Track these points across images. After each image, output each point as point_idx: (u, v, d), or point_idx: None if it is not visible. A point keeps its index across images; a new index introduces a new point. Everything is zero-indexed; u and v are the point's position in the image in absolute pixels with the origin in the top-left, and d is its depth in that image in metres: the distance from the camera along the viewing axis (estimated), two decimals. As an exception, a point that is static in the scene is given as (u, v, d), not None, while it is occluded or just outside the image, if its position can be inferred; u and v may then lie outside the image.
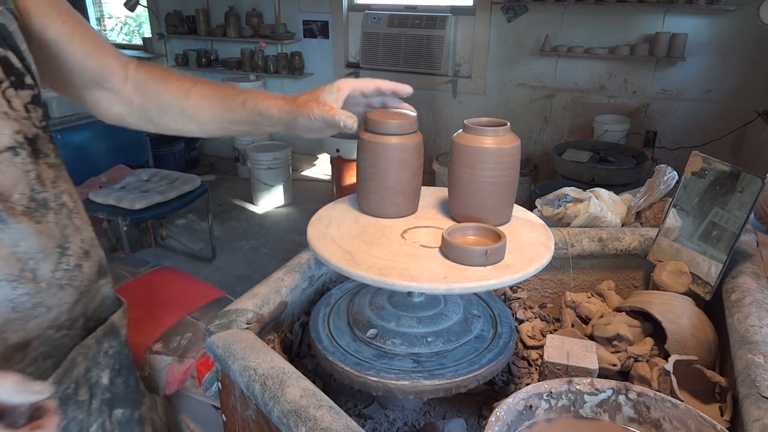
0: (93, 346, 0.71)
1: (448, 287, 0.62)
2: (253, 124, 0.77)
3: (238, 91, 0.78)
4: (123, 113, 0.79)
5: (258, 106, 0.75)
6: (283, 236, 3.72)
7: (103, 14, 6.22)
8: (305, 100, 0.73)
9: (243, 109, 0.76)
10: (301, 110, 0.72)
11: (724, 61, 3.25)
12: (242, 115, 0.77)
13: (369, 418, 0.77)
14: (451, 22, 3.82)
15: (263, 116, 0.75)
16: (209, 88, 0.78)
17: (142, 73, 0.78)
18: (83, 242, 0.68)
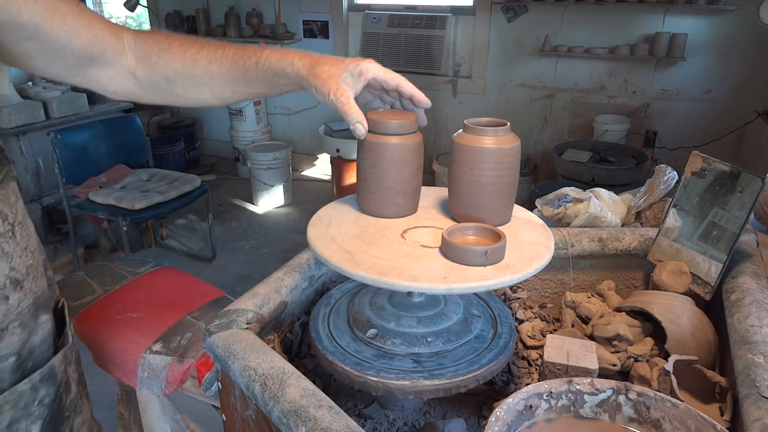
0: (26, 393, 0.61)
1: (448, 287, 0.62)
2: (269, 85, 0.74)
3: (249, 51, 0.73)
4: (128, 87, 0.75)
5: (274, 67, 0.71)
6: (283, 236, 3.72)
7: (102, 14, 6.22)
8: (325, 73, 0.69)
9: (257, 70, 0.72)
10: (317, 83, 0.69)
11: (724, 61, 3.25)
12: (257, 77, 0.73)
13: (369, 418, 0.77)
14: (451, 22, 3.82)
15: (279, 76, 0.72)
16: (218, 51, 0.73)
17: (142, 43, 0.73)
18: (12, 270, 0.59)
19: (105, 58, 0.70)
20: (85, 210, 3.00)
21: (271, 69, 0.71)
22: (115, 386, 1.54)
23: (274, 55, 0.72)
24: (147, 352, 1.24)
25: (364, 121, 0.72)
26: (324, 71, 0.69)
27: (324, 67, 0.70)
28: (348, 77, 0.69)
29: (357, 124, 0.71)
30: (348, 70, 0.70)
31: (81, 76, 0.71)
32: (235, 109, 4.51)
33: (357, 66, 0.70)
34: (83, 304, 1.39)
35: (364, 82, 0.70)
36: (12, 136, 3.21)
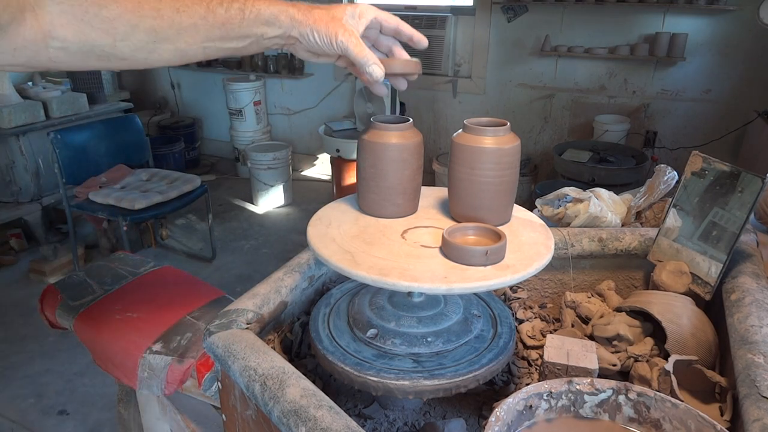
0: None
1: (448, 287, 0.62)
2: (251, 38, 0.63)
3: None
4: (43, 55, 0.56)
5: (264, 13, 0.61)
6: (283, 236, 3.72)
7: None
8: (324, 17, 0.62)
9: (242, 19, 0.61)
10: (319, 27, 0.62)
11: (724, 61, 3.25)
12: (240, 28, 0.61)
13: (369, 418, 0.77)
14: (451, 22, 3.82)
15: (269, 25, 0.62)
16: None
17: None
18: None
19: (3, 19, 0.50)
20: (85, 210, 3.00)
21: (260, 17, 0.61)
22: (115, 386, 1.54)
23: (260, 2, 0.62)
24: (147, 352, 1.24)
25: (378, 62, 0.65)
26: (324, 15, 0.63)
27: (321, 11, 0.63)
28: (349, 19, 0.64)
29: (373, 65, 0.64)
30: (347, 12, 0.64)
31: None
32: (235, 109, 4.51)
33: (354, 7, 0.65)
34: (83, 304, 1.39)
35: (365, 24, 0.65)
36: (12, 136, 3.21)
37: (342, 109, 4.48)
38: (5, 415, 2.24)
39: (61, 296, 1.42)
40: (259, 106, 4.58)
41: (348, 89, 4.38)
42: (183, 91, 5.21)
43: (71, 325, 1.38)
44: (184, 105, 5.27)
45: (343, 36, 0.62)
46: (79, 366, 2.50)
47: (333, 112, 4.50)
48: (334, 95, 4.50)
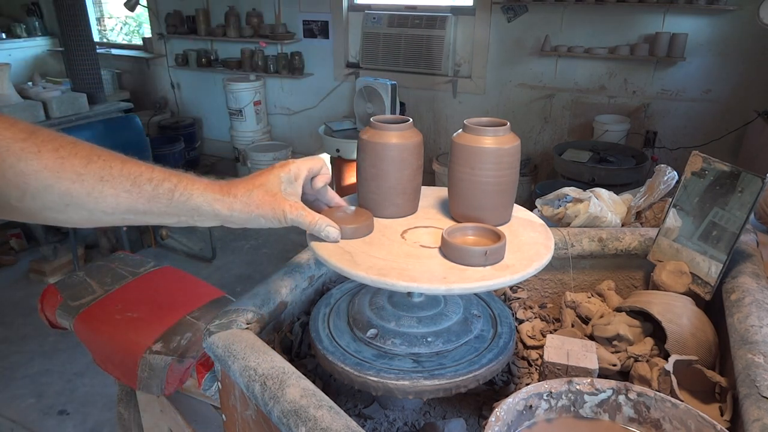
0: None
1: (447, 287, 0.62)
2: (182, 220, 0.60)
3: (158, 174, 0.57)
4: None
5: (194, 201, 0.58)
6: (283, 236, 3.72)
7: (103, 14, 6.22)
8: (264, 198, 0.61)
9: (170, 201, 0.57)
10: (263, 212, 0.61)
11: (724, 61, 3.25)
12: (169, 209, 0.58)
13: (369, 418, 0.77)
14: (451, 22, 3.82)
15: (200, 215, 0.60)
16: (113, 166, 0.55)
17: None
18: None
19: None
20: (85, 210, 2.99)
21: (189, 203, 0.58)
22: (115, 386, 1.54)
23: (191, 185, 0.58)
24: (147, 352, 1.24)
25: (331, 222, 0.67)
26: (262, 195, 0.61)
27: (259, 191, 0.61)
28: (287, 187, 0.63)
29: (328, 228, 0.66)
30: (282, 179, 0.63)
31: None
32: (236, 109, 4.51)
33: (287, 171, 0.64)
34: (83, 304, 1.39)
35: (301, 184, 0.66)
36: (12, 136, 3.20)
37: (342, 109, 4.48)
38: (5, 415, 2.24)
39: (61, 296, 1.42)
40: (259, 106, 4.58)
41: (348, 89, 4.38)
42: (183, 91, 5.21)
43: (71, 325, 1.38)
44: (184, 105, 5.27)
45: (291, 212, 0.62)
46: (79, 366, 2.50)
47: (333, 112, 4.50)
48: (334, 95, 4.50)
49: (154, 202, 0.57)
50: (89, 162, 0.54)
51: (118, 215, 0.57)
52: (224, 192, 0.60)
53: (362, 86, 3.57)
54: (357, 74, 4.23)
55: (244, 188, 0.61)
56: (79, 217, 0.56)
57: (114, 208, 0.56)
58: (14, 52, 5.27)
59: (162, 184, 0.57)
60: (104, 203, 0.55)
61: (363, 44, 4.16)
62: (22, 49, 5.39)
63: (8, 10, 5.64)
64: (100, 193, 0.54)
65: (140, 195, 0.56)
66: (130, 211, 0.57)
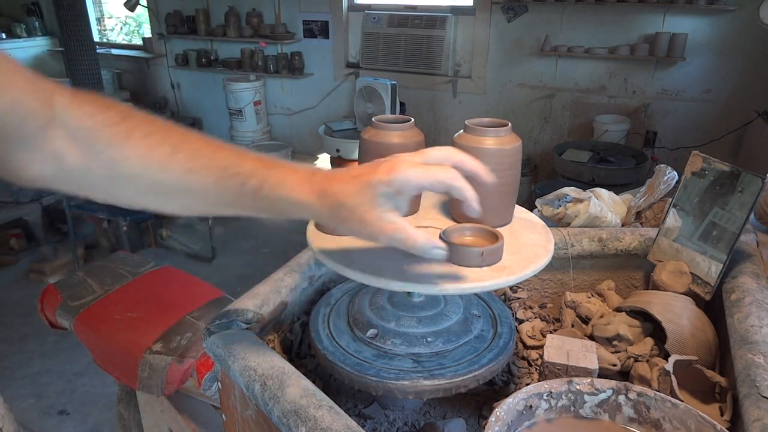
0: None
1: (442, 288, 0.62)
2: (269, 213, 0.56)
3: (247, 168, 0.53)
4: (48, 174, 0.52)
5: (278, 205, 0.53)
6: (283, 236, 3.72)
7: (103, 14, 6.22)
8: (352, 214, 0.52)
9: (254, 200, 0.53)
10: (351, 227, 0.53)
11: (724, 61, 3.25)
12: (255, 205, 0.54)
13: (369, 418, 0.77)
14: (451, 22, 3.82)
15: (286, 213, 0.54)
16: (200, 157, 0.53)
17: (83, 120, 0.50)
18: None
19: (21, 133, 0.48)
20: (85, 210, 3.00)
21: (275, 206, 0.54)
22: (115, 386, 1.54)
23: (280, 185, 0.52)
24: (147, 352, 1.24)
25: (438, 241, 0.56)
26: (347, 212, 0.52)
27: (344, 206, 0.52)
28: (385, 202, 0.52)
29: (434, 250, 0.55)
30: (381, 194, 0.51)
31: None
32: (235, 109, 4.51)
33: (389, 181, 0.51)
34: (83, 304, 1.39)
35: (407, 200, 0.54)
36: (12, 136, 3.20)
37: (342, 109, 4.48)
38: (5, 415, 2.24)
39: (61, 296, 1.42)
40: (259, 106, 4.58)
41: (348, 89, 4.38)
42: (183, 91, 5.21)
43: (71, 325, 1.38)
44: (184, 105, 5.27)
45: (385, 234, 0.52)
46: (79, 366, 2.50)
47: (333, 112, 4.50)
48: (334, 95, 4.51)
49: (239, 200, 0.54)
50: (176, 151, 0.52)
51: (205, 207, 0.57)
52: (314, 195, 0.53)
53: (362, 86, 3.57)
54: (357, 74, 4.23)
55: (332, 200, 0.52)
56: (171, 206, 0.56)
57: (202, 200, 0.55)
58: (14, 52, 5.27)
59: (248, 182, 0.52)
60: (191, 196, 0.54)
61: (363, 44, 4.16)
62: (23, 49, 5.39)
63: (8, 10, 5.64)
64: (187, 185, 0.53)
65: (226, 191, 0.53)
66: (217, 204, 0.56)
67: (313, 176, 0.53)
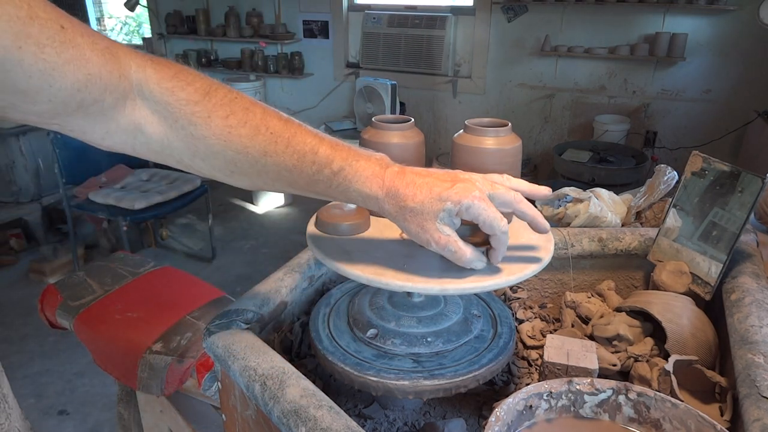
0: None
1: (442, 288, 0.62)
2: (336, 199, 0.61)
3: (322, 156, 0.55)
4: (129, 145, 0.54)
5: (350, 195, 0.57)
6: (283, 236, 3.72)
7: (103, 14, 6.22)
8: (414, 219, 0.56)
9: (328, 188, 0.57)
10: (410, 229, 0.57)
11: (724, 61, 3.25)
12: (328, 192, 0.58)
13: (369, 418, 0.77)
14: (451, 22, 3.82)
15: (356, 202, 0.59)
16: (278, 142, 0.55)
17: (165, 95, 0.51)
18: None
19: (100, 106, 0.48)
20: (85, 210, 3.00)
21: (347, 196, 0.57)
22: (115, 386, 1.54)
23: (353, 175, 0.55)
24: (147, 352, 1.24)
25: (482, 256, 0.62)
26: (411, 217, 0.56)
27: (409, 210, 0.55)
28: (446, 217, 0.56)
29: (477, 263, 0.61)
30: (445, 209, 0.55)
31: (60, 125, 0.49)
32: (235, 109, 4.51)
33: (456, 205, 0.55)
34: (83, 304, 1.39)
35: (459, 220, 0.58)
36: (12, 136, 3.21)
37: (342, 109, 4.48)
38: (5, 415, 2.24)
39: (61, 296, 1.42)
40: (259, 106, 4.58)
41: (348, 89, 4.38)
42: (183, 91, 5.21)
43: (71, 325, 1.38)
44: (184, 105, 5.26)
45: (439, 244, 0.56)
46: (79, 366, 2.50)
47: (333, 112, 4.50)
48: (334, 95, 4.51)
49: (312, 185, 0.57)
50: (256, 134, 0.54)
51: (279, 187, 0.59)
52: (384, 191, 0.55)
53: (362, 86, 3.57)
54: (357, 74, 4.23)
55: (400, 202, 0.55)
56: (243, 183, 0.59)
57: (275, 180, 0.57)
58: (14, 52, 5.26)
59: (323, 170, 0.55)
60: (266, 176, 0.57)
61: (363, 44, 4.16)
62: (22, 49, 5.38)
63: (8, 10, 5.64)
64: (263, 167, 0.55)
65: (300, 176, 0.56)
66: (291, 186, 0.58)
67: (386, 171, 0.56)
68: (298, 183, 0.58)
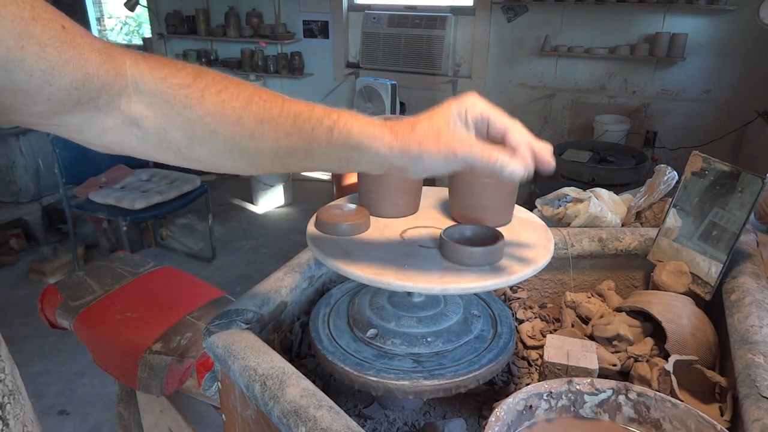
0: None
1: (443, 287, 0.62)
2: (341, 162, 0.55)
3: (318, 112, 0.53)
4: (127, 141, 0.54)
5: (355, 139, 0.52)
6: (283, 236, 3.72)
7: (103, 14, 6.22)
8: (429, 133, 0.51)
9: (329, 142, 0.53)
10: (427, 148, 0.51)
11: (724, 61, 3.25)
12: (327, 151, 0.54)
13: (369, 418, 0.77)
14: (451, 22, 3.82)
15: (362, 152, 0.53)
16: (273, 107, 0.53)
17: (157, 84, 0.52)
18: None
19: (97, 103, 0.49)
20: (85, 210, 3.00)
21: (349, 140, 0.52)
22: (115, 386, 1.54)
23: (351, 121, 0.52)
24: (147, 352, 1.24)
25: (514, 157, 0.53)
26: (428, 130, 0.51)
27: (424, 126, 0.52)
28: (458, 121, 0.53)
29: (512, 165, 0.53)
30: (453, 113, 0.53)
31: (58, 125, 0.50)
32: (235, 109, 4.51)
33: (460, 105, 0.53)
34: (83, 304, 1.39)
35: (471, 123, 0.54)
36: (12, 136, 3.21)
37: (342, 109, 4.47)
38: (5, 415, 2.24)
39: (61, 296, 1.42)
40: (259, 106, 4.58)
41: (348, 89, 4.38)
42: (183, 91, 5.21)
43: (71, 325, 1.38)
44: (184, 105, 5.26)
45: (462, 149, 0.51)
46: (79, 366, 2.50)
47: (333, 112, 4.50)
48: (334, 95, 4.51)
49: (314, 143, 0.53)
50: (249, 103, 0.53)
51: (279, 160, 0.56)
52: (385, 129, 0.52)
53: (362, 86, 3.57)
54: (357, 74, 4.23)
55: (408, 125, 0.52)
56: (244, 163, 0.57)
57: (275, 151, 0.55)
58: (14, 52, 5.26)
59: (322, 122, 0.52)
60: (265, 146, 0.54)
61: (363, 44, 4.16)
62: (22, 49, 5.38)
63: (8, 10, 5.64)
64: (261, 135, 0.54)
65: (300, 136, 0.53)
66: (291, 154, 0.55)
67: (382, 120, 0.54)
68: (296, 147, 0.54)
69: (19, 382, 0.54)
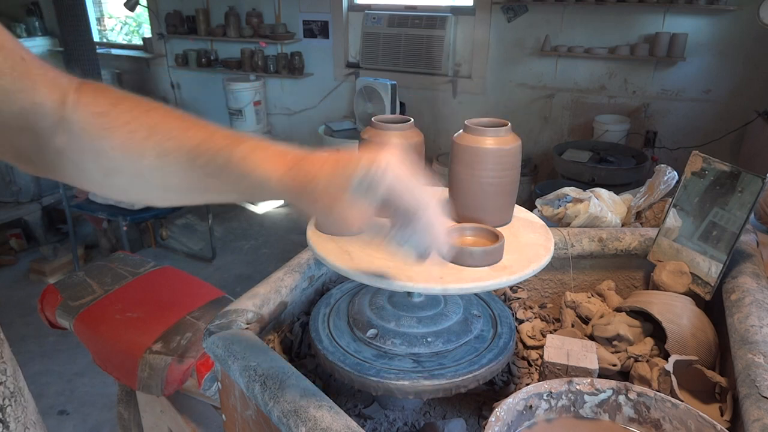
0: None
1: (443, 287, 0.62)
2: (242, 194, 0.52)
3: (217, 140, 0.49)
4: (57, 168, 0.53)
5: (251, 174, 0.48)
6: (283, 236, 3.72)
7: (103, 14, 6.22)
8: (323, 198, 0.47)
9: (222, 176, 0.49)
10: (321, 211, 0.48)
11: (724, 61, 3.25)
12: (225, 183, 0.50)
13: (369, 418, 0.77)
14: (451, 22, 3.82)
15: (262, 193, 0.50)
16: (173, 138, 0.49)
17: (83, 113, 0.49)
18: None
19: (35, 130, 0.49)
20: (85, 210, 3.00)
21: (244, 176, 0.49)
22: (115, 386, 1.54)
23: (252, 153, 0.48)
24: (147, 352, 1.24)
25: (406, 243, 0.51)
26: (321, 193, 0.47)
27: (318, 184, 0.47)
28: (358, 190, 0.47)
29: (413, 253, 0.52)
30: (353, 183, 0.47)
31: None
32: (235, 109, 4.51)
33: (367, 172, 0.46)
34: (83, 304, 1.39)
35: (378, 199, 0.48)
36: (12, 136, 3.20)
37: (342, 109, 4.47)
38: (5, 415, 2.24)
39: (61, 296, 1.42)
40: (259, 106, 4.58)
41: (348, 89, 4.38)
42: (183, 91, 5.21)
43: (71, 325, 1.38)
44: (184, 105, 5.27)
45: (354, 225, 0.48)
46: (79, 366, 2.50)
47: (333, 112, 4.50)
48: (334, 95, 4.50)
49: (209, 179, 0.50)
50: (152, 134, 0.49)
51: (185, 195, 0.54)
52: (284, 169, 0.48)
53: (362, 86, 3.57)
54: (357, 74, 4.23)
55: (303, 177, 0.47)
56: (153, 198, 0.55)
57: (178, 186, 0.52)
58: (14, 52, 5.25)
59: (216, 157, 0.48)
60: (169, 181, 0.52)
61: (363, 44, 4.16)
62: (22, 49, 5.37)
63: (8, 10, 5.64)
64: (162, 171, 0.50)
65: (196, 171, 0.50)
66: (192, 189, 0.52)
67: (287, 153, 0.49)
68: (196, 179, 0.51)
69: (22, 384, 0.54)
